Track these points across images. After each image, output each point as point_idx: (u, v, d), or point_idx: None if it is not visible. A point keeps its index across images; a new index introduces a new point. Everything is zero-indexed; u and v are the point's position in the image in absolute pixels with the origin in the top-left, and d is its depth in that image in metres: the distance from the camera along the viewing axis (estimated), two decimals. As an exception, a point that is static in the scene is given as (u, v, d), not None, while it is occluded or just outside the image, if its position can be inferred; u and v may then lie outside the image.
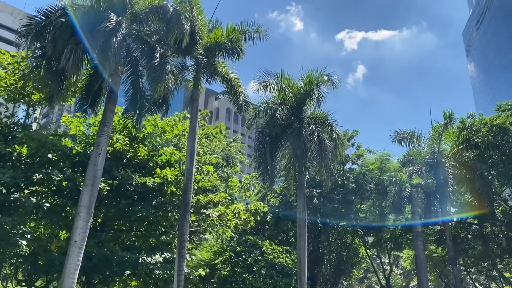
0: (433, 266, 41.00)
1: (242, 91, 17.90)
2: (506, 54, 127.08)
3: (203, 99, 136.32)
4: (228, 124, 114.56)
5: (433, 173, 26.60)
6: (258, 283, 22.90)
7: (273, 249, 24.60)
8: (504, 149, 28.01)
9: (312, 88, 20.09)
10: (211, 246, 27.71)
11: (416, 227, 25.43)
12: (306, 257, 19.22)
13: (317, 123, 20.37)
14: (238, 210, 22.65)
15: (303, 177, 20.37)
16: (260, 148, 20.38)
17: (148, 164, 18.51)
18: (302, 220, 19.51)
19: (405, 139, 29.15)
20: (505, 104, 29.62)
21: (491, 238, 33.18)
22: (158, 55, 14.80)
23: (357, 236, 37.28)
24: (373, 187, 31.55)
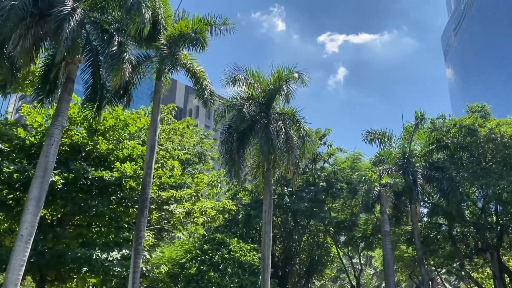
0: (404, 266, 41.32)
1: (208, 85, 17.44)
2: (482, 59, 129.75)
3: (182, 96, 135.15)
4: (208, 123, 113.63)
5: (402, 173, 26.62)
6: (224, 281, 22.49)
7: (240, 247, 24.20)
8: (473, 150, 28.28)
9: (281, 84, 19.76)
10: (182, 244, 27.24)
11: (385, 227, 25.39)
12: (270, 255, 18.87)
13: (286, 119, 20.08)
14: (205, 207, 22.21)
15: (270, 174, 20.02)
16: (227, 144, 19.99)
17: (109, 158, 17.89)
18: (268, 218, 19.16)
19: (376, 138, 29.14)
20: (475, 106, 29.92)
21: (460, 238, 33.51)
22: (116, 43, 14.27)
23: (329, 235, 37.24)
24: (344, 186, 31.50)
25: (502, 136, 25.53)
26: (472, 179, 26.95)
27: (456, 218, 30.97)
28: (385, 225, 25.47)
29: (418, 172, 27.07)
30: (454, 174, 27.14)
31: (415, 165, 27.61)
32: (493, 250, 30.16)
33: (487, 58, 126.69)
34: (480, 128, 26.60)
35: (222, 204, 22.57)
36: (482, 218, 31.53)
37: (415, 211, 27.38)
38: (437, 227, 34.70)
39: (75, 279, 18.47)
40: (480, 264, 36.46)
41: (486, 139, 26.30)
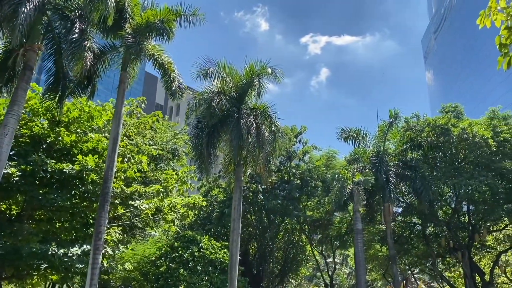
0: (379, 265, 41.47)
1: (176, 77, 16.97)
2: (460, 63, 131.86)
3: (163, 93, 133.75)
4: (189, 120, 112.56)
5: (375, 171, 26.58)
6: (193, 279, 22.03)
7: (211, 245, 23.77)
8: (446, 150, 28.47)
9: (253, 79, 19.44)
10: (155, 242, 26.71)
11: (357, 225, 25.29)
12: (238, 252, 18.52)
13: (257, 114, 19.76)
14: (175, 203, 21.72)
15: (241, 170, 19.67)
16: (197, 139, 19.56)
17: (73, 151, 17.25)
18: (237, 214, 18.81)
19: (350, 137, 29.07)
20: (449, 106, 30.13)
21: (433, 238, 33.74)
22: (77, 30, 13.70)
23: (304, 233, 37.11)
24: (319, 184, 31.35)
25: (474, 136, 25.70)
26: (445, 178, 27.08)
27: (429, 217, 31.16)
28: (357, 223, 25.37)
29: (391, 170, 27.08)
30: (427, 173, 27.23)
31: (388, 163, 27.62)
32: (464, 250, 30.42)
33: (465, 62, 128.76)
34: (453, 128, 26.74)
35: (192, 200, 22.06)
36: (455, 218, 31.78)
37: (388, 209, 27.36)
38: (410, 227, 34.88)
39: (35, 276, 17.76)
40: (453, 263, 36.81)
41: (459, 139, 26.46)
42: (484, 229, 30.48)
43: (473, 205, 30.44)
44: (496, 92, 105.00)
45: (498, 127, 27.58)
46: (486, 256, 37.83)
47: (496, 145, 26.31)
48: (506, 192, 27.73)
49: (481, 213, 30.35)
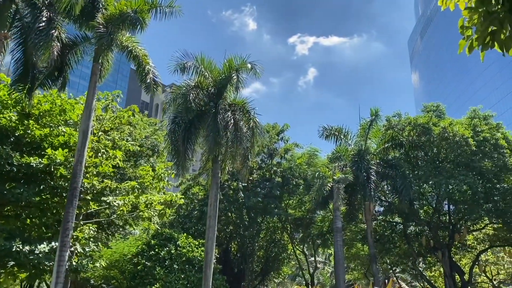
0: (361, 264, 41.46)
1: (151, 69, 16.54)
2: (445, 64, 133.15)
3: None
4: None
5: (355, 169, 26.42)
6: (169, 277, 21.62)
7: (188, 243, 23.36)
8: (427, 149, 28.46)
9: (231, 74, 19.07)
10: (136, 240, 26.22)
11: (337, 223, 25.09)
12: (213, 250, 18.16)
13: (236, 110, 19.41)
14: (151, 200, 21.23)
15: (218, 166, 19.30)
16: (173, 134, 19.12)
17: (43, 144, 16.68)
18: (213, 212, 18.42)
19: (332, 135, 28.88)
20: (431, 105, 30.15)
21: (414, 237, 33.75)
22: (44, 19, 13.19)
23: (286, 232, 36.86)
24: (301, 182, 31.12)
25: (454, 135, 25.70)
26: (425, 177, 27.06)
27: (410, 216, 31.14)
28: (337, 221, 25.17)
29: (372, 169, 26.95)
30: (407, 172, 27.17)
31: (369, 162, 27.49)
32: (444, 249, 30.47)
33: (450, 63, 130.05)
34: (434, 127, 26.72)
35: (169, 198, 21.58)
36: (436, 217, 31.83)
37: (368, 208, 27.25)
38: (392, 226, 34.87)
39: (2, 274, 17.14)
40: (433, 262, 36.91)
41: (439, 138, 26.45)
42: (464, 228, 30.56)
43: (454, 204, 30.52)
44: (480, 93, 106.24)
45: (479, 127, 27.66)
46: (466, 256, 38.02)
47: (476, 144, 26.36)
48: (485, 192, 27.83)
49: (461, 213, 30.43)
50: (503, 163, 26.44)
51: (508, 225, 28.41)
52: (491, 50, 4.34)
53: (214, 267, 24.26)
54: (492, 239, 33.36)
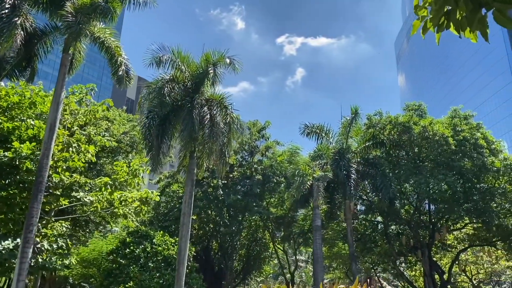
0: (343, 263, 41.38)
1: (123, 61, 16.09)
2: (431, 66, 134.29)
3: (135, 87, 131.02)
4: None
5: (336, 168, 26.24)
6: (143, 276, 21.10)
7: (164, 241, 22.87)
8: (408, 148, 28.41)
9: (208, 68, 18.70)
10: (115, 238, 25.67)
11: (316, 221, 24.88)
12: (187, 248, 17.78)
13: (213, 105, 19.03)
14: (126, 197, 20.75)
15: (194, 162, 18.91)
16: (148, 129, 18.67)
17: (10, 137, 16.10)
18: (188, 209, 18.03)
19: (313, 132, 28.65)
20: (413, 104, 30.12)
21: (395, 236, 33.74)
22: (8, 6, 12.64)
23: (268, 230, 36.56)
24: (282, 180, 30.84)
25: (434, 134, 25.66)
26: (405, 176, 26.99)
27: (391, 216, 31.11)
28: (316, 220, 24.96)
29: (353, 167, 26.79)
30: (387, 171, 27.06)
31: (350, 160, 27.33)
32: (425, 248, 30.48)
33: (435, 65, 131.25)
34: (415, 126, 26.65)
35: (145, 194, 21.10)
36: (416, 216, 31.83)
37: (349, 207, 27.09)
38: (373, 225, 34.82)
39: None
40: (414, 262, 36.96)
41: (420, 137, 26.39)
42: (444, 228, 30.60)
43: (434, 204, 30.54)
44: (465, 95, 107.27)
45: (459, 126, 27.67)
46: (447, 255, 38.16)
47: (456, 144, 26.36)
48: (465, 191, 27.87)
49: (441, 212, 30.47)
50: (482, 163, 26.48)
51: (487, 225, 28.49)
52: (474, 52, 4.10)
53: (191, 266, 23.90)
54: (472, 239, 33.50)
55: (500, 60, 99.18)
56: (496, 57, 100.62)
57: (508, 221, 29.03)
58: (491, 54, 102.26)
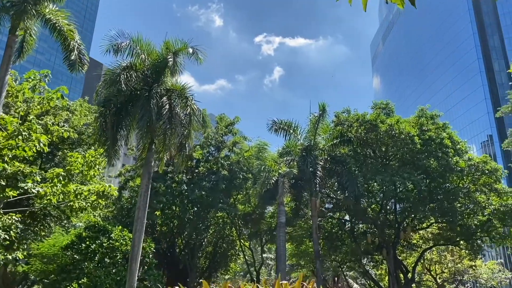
0: (310, 261, 41.26)
1: (76, 45, 15.26)
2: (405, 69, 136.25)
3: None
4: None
5: (302, 164, 25.93)
6: (98, 271, 20.29)
7: (122, 236, 22.07)
8: (375, 146, 28.36)
9: (168, 57, 18.01)
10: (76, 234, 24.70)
11: (280, 218, 24.52)
12: (141, 243, 17.07)
13: (173, 95, 18.37)
14: (81, 190, 19.86)
15: (151, 154, 18.19)
16: (104, 118, 17.87)
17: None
18: (143, 202, 17.32)
19: (281, 129, 28.26)
20: (380, 103, 30.10)
21: (361, 235, 33.75)
22: None
23: (235, 227, 36.04)
24: (249, 176, 30.38)
25: (400, 133, 25.64)
26: (371, 174, 26.90)
27: (358, 214, 31.05)
28: (281, 216, 24.60)
29: (319, 164, 26.52)
30: (354, 168, 26.91)
31: (317, 157, 27.07)
32: (390, 247, 30.53)
33: (409, 68, 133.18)
34: (381, 124, 26.58)
35: (102, 188, 20.22)
36: (382, 215, 31.88)
37: (314, 204, 26.81)
38: (340, 223, 34.75)
39: None
40: (380, 260, 37.12)
41: (386, 135, 26.34)
42: (409, 227, 30.74)
43: (399, 203, 30.63)
44: (436, 97, 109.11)
45: (425, 126, 27.78)
46: (413, 254, 38.46)
47: (422, 143, 26.43)
48: (430, 191, 28.01)
49: (407, 211, 30.58)
50: (447, 163, 26.64)
51: (451, 225, 28.73)
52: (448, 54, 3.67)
53: (149, 262, 23.18)
54: (437, 238, 33.79)
55: (472, 64, 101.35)
56: (468, 60, 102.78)
57: (472, 221, 29.34)
58: (463, 58, 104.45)
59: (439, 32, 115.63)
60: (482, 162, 27.59)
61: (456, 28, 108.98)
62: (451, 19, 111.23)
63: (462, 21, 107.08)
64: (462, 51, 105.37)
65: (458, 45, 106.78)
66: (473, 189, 28.40)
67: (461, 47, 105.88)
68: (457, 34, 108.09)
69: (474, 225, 29.16)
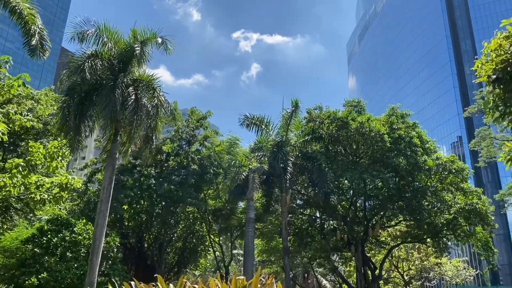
0: (280, 258, 41.30)
1: (37, 30, 14.59)
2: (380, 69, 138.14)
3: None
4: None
5: (273, 160, 25.81)
6: (59, 266, 19.66)
7: (86, 230, 21.46)
8: (345, 144, 28.48)
9: (134, 46, 17.52)
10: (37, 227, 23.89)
11: (249, 213, 24.34)
12: (103, 237, 16.57)
13: (140, 86, 17.90)
14: (43, 182, 19.14)
15: (116, 146, 17.71)
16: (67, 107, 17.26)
17: None
18: (106, 195, 16.83)
19: (254, 124, 28.03)
20: (352, 101, 30.25)
21: (331, 232, 33.93)
22: None
23: (205, 223, 35.68)
24: (220, 171, 30.06)
25: (370, 131, 25.80)
26: (341, 171, 27.01)
27: (328, 211, 31.19)
28: (250, 212, 24.42)
29: (290, 160, 26.45)
30: (324, 165, 26.95)
31: (288, 153, 26.99)
32: (358, 244, 30.79)
33: (383, 68, 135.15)
34: (352, 121, 26.69)
35: (65, 180, 19.53)
36: (352, 212, 32.12)
37: (284, 200, 26.73)
38: (311, 220, 34.85)
39: None
40: (349, 257, 37.46)
41: (357, 133, 26.47)
42: (377, 224, 31.07)
43: (368, 200, 30.91)
44: (410, 98, 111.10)
45: (395, 124, 28.04)
46: (381, 251, 38.97)
47: (391, 141, 26.67)
48: (398, 189, 28.33)
49: (376, 209, 30.90)
50: (415, 161, 26.97)
51: (419, 222, 29.12)
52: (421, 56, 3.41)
53: (114, 257, 22.64)
54: (405, 236, 34.29)
55: (444, 66, 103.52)
56: (441, 62, 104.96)
57: (439, 219, 29.85)
58: (436, 60, 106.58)
59: (414, 33, 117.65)
60: (449, 161, 28.06)
61: (430, 30, 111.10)
62: (426, 21, 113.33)
63: (436, 23, 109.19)
64: (435, 53, 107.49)
65: (432, 47, 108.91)
66: (440, 188, 28.85)
67: (434, 49, 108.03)
68: (431, 36, 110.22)
69: (440, 223, 29.67)
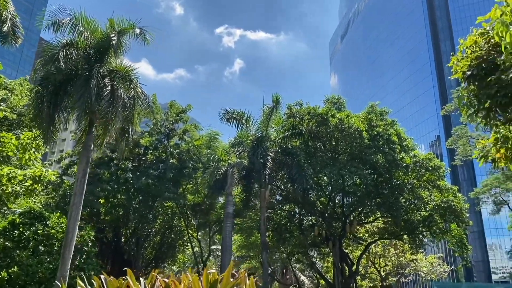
0: (259, 253, 41.32)
1: (10, 16, 14.14)
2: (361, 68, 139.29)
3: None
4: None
5: (252, 155, 25.72)
6: (30, 260, 19.17)
7: (60, 223, 20.98)
8: (325, 140, 28.57)
9: (111, 36, 17.15)
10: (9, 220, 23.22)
11: (228, 208, 24.22)
12: (76, 230, 16.24)
13: (116, 77, 17.54)
14: (15, 174, 18.67)
15: (91, 138, 17.33)
16: (41, 97, 16.80)
17: None
18: (79, 188, 16.46)
19: (233, 119, 27.87)
20: (332, 97, 30.37)
21: (309, 227, 34.07)
22: None
23: (184, 218, 35.42)
24: (199, 166, 29.83)
25: (349, 127, 25.92)
26: (320, 167, 27.09)
27: (306, 206, 31.28)
28: (228, 206, 24.30)
29: (270, 156, 26.39)
30: (303, 161, 26.99)
31: (268, 149, 26.93)
32: (336, 240, 30.98)
33: (365, 67, 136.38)
34: (332, 118, 26.77)
35: (39, 172, 19.08)
36: (330, 208, 32.30)
37: (263, 195, 26.68)
38: (290, 216, 34.93)
39: None
40: (326, 253, 37.70)
41: (336, 129, 26.57)
42: (355, 220, 31.31)
43: (346, 196, 31.12)
44: (390, 96, 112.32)
45: (374, 122, 28.25)
46: (359, 248, 39.35)
47: (370, 138, 26.86)
48: (376, 186, 28.59)
49: (354, 205, 31.13)
50: (393, 159, 27.23)
51: (396, 219, 29.45)
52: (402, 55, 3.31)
53: (88, 251, 22.22)
54: (382, 232, 34.67)
55: (424, 66, 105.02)
56: (421, 62, 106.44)
57: (415, 216, 30.26)
58: (417, 59, 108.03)
59: (395, 33, 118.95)
60: (426, 159, 28.44)
61: (411, 30, 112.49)
62: (407, 21, 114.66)
63: (417, 24, 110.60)
64: (415, 53, 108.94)
65: (412, 47, 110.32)
66: (417, 185, 29.23)
67: (415, 49, 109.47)
68: (411, 36, 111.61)
69: (417, 220, 30.08)
